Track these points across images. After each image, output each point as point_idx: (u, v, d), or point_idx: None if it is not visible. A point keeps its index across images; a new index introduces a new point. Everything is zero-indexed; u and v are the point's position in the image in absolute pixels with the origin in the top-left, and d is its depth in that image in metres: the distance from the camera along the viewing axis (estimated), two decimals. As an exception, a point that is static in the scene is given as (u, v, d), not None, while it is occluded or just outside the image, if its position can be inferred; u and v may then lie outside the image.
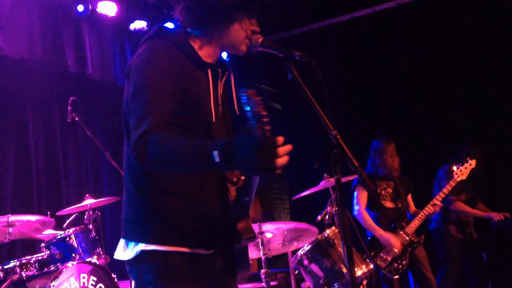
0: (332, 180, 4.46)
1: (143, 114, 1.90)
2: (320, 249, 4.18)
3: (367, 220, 5.19)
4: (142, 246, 2.01)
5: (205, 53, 2.15)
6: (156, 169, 1.92)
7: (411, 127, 7.25)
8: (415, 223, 5.19)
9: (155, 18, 6.44)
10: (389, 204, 5.34)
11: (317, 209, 4.76)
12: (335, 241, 4.19)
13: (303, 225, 4.39)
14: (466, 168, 5.35)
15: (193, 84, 2.07)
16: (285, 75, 2.04)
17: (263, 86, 8.26)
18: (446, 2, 6.80)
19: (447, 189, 5.30)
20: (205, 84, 2.13)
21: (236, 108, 2.23)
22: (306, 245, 4.28)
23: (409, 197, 5.54)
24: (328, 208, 4.55)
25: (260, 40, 2.14)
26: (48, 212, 4.54)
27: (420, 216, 5.19)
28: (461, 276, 5.96)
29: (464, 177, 5.34)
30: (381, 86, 7.58)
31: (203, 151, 1.76)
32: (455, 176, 5.33)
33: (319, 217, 4.64)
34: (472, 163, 5.37)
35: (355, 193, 5.30)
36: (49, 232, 4.66)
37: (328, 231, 4.26)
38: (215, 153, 1.72)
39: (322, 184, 4.75)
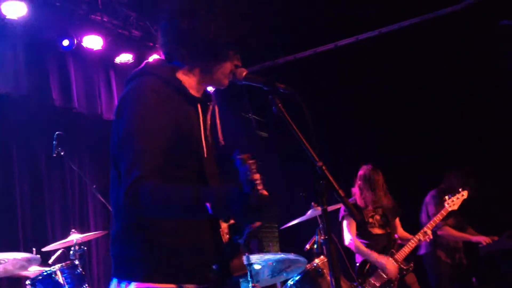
0: (320, 209, 4.45)
1: (133, 160, 1.89)
2: (310, 279, 4.17)
3: (360, 247, 5.16)
4: (134, 285, 1.94)
5: (192, 87, 2.13)
6: (147, 216, 1.94)
7: (398, 153, 7.29)
8: (405, 251, 5.16)
9: (141, 51, 6.47)
10: (377, 231, 5.32)
11: (306, 238, 4.74)
12: (324, 270, 4.18)
13: (291, 256, 4.37)
14: (458, 198, 5.32)
15: (184, 120, 2.04)
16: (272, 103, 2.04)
17: (250, 114, 8.28)
18: (427, 29, 6.92)
19: (438, 218, 5.26)
20: (195, 120, 2.10)
21: (221, 138, 2.22)
22: (295, 275, 4.25)
23: (397, 220, 5.52)
24: (317, 237, 4.53)
25: (244, 74, 2.12)
26: (34, 249, 4.46)
27: (410, 243, 5.17)
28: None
29: (455, 207, 5.31)
30: (366, 113, 7.65)
31: (197, 202, 1.81)
32: (446, 206, 5.30)
33: (307, 246, 4.62)
34: (464, 194, 5.35)
35: (345, 222, 5.28)
36: (34, 268, 4.56)
37: (317, 260, 4.25)
38: (208, 205, 1.79)
39: (310, 213, 4.74)
